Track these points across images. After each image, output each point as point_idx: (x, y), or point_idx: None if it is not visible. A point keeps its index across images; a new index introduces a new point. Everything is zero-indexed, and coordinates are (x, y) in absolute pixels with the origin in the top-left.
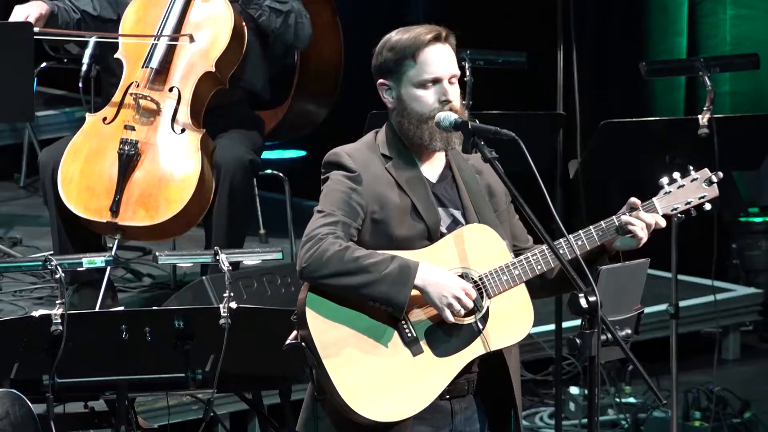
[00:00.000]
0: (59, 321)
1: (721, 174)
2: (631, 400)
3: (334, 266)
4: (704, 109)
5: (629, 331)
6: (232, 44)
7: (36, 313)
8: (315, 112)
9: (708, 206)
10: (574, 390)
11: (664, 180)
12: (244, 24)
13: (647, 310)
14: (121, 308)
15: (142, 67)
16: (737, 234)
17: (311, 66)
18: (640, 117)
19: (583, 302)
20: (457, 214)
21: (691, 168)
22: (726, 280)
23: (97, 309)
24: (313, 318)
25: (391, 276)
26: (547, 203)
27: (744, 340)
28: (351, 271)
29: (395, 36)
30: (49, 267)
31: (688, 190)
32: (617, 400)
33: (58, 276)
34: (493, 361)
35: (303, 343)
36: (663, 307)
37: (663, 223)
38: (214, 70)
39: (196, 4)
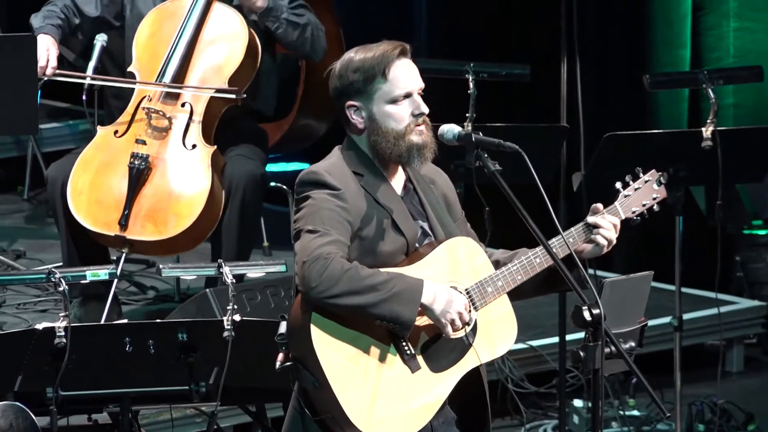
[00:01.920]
0: (63, 333)
1: (666, 175)
2: (635, 412)
3: (344, 286)
4: (708, 121)
5: (633, 344)
6: (245, 61)
7: (39, 326)
8: (317, 125)
9: (657, 207)
10: (577, 403)
11: (618, 184)
12: (258, 42)
13: (651, 322)
14: (125, 321)
15: (156, 81)
16: (741, 247)
17: (316, 79)
18: (644, 129)
19: (586, 315)
20: (425, 225)
21: (639, 170)
22: (730, 292)
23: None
24: (318, 339)
25: (400, 294)
26: (551, 216)
27: (747, 352)
28: (360, 290)
29: (357, 56)
30: (53, 279)
31: (643, 193)
32: (621, 412)
33: (61, 289)
34: (468, 374)
35: (299, 364)
36: (667, 319)
37: (617, 221)
38: (227, 86)
39: (211, 21)
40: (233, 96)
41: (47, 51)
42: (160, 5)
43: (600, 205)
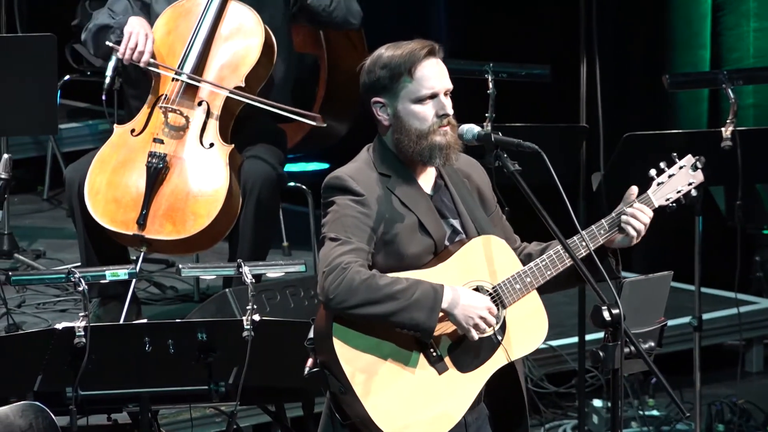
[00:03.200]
0: (82, 333)
1: (703, 159)
2: (655, 412)
3: (362, 296)
4: (727, 121)
5: (652, 344)
6: (262, 59)
7: (59, 326)
8: (338, 126)
9: (694, 192)
10: (597, 403)
11: (653, 171)
12: (273, 40)
13: (670, 322)
14: (145, 320)
15: (172, 80)
16: (761, 247)
17: (338, 78)
18: (664, 130)
19: (606, 315)
20: (456, 223)
21: (675, 156)
22: (749, 292)
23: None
24: (340, 347)
25: (419, 302)
26: (570, 216)
27: (767, 352)
28: (379, 299)
29: (387, 52)
30: (73, 279)
31: (678, 179)
32: (640, 412)
33: (81, 288)
34: (504, 371)
35: (326, 370)
36: (686, 319)
37: (649, 212)
38: (243, 85)
39: (227, 19)
40: (314, 123)
41: (146, 36)
42: (175, 3)
43: (635, 188)
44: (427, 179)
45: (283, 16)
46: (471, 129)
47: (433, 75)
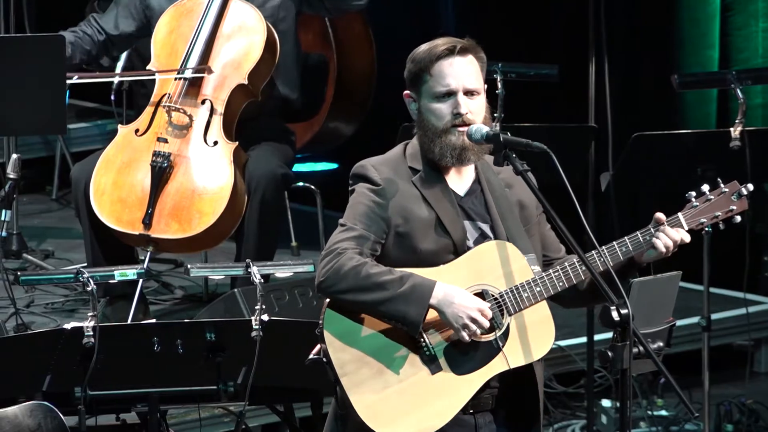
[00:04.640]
0: (91, 333)
1: (751, 186)
2: (663, 412)
3: (351, 281)
4: (736, 121)
5: (661, 344)
6: (264, 56)
7: (68, 326)
8: (345, 127)
9: (738, 218)
10: (606, 403)
11: (692, 194)
12: (276, 36)
13: (679, 322)
14: (153, 320)
15: (175, 79)
16: None
17: (346, 78)
18: (672, 130)
19: (615, 315)
20: (485, 227)
21: (720, 181)
22: (758, 292)
23: (129, 322)
24: (330, 335)
25: (407, 294)
26: (579, 216)
27: None
28: (366, 287)
29: (420, 47)
30: (81, 279)
31: (716, 204)
32: (649, 412)
33: (90, 288)
34: (522, 374)
35: (324, 359)
36: (695, 319)
37: (687, 238)
38: (246, 82)
39: (229, 17)
40: (204, 74)
41: None
42: (176, 3)
43: (662, 216)
44: (462, 180)
45: (292, 17)
46: (480, 129)
47: (450, 73)
